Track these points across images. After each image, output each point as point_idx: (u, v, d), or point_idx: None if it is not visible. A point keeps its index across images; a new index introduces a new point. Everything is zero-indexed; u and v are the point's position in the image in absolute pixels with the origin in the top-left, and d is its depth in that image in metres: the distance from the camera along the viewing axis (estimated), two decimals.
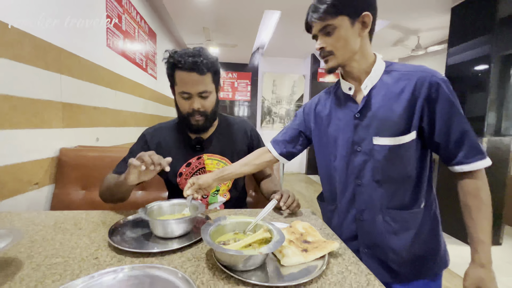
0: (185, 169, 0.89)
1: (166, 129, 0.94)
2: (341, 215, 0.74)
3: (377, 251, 0.69)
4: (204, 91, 0.81)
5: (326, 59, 0.67)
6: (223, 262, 0.47)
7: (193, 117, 0.83)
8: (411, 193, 0.66)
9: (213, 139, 0.92)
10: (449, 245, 2.19)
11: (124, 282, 0.42)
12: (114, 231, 0.61)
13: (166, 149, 0.89)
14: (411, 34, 3.12)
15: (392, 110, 0.63)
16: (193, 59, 0.77)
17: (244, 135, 0.97)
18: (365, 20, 0.63)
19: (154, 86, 2.84)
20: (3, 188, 0.95)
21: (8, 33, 0.95)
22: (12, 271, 0.46)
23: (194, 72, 0.77)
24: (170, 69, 0.82)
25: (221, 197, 0.91)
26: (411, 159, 0.64)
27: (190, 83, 0.79)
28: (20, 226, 0.66)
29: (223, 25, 3.13)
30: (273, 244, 0.48)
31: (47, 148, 1.16)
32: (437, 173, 2.40)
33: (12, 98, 0.97)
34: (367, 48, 0.67)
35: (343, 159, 0.71)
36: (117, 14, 1.85)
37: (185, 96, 0.81)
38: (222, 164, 0.91)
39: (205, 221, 0.69)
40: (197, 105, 0.81)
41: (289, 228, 0.62)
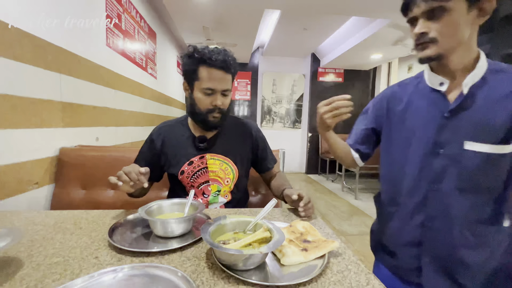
0: (187, 167, 0.88)
1: (171, 127, 0.95)
2: (404, 218, 0.67)
3: (445, 262, 0.62)
4: (227, 89, 0.83)
5: (424, 46, 0.58)
6: (223, 262, 0.47)
7: (212, 114, 0.84)
8: (496, 207, 0.59)
9: (217, 139, 0.92)
10: None
11: (124, 282, 0.42)
12: (114, 230, 0.61)
13: (170, 147, 0.91)
14: None
15: (494, 114, 0.55)
16: (223, 57, 0.79)
17: (248, 136, 0.97)
18: (485, 7, 0.54)
19: (154, 85, 2.84)
20: (3, 187, 0.95)
21: (8, 33, 0.95)
22: (12, 270, 0.46)
23: (223, 70, 0.80)
24: (194, 64, 0.81)
25: (222, 197, 0.91)
26: (505, 171, 0.57)
27: (217, 80, 0.81)
28: (20, 226, 0.66)
29: (223, 25, 3.13)
30: (273, 243, 0.48)
31: (47, 147, 1.16)
32: None
33: (12, 98, 0.97)
34: (475, 41, 0.58)
35: (417, 159, 0.64)
36: (116, 14, 1.85)
37: (209, 92, 0.82)
38: (225, 165, 0.90)
39: (205, 220, 0.69)
40: (220, 102, 0.82)
41: (289, 227, 0.62)
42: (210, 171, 0.89)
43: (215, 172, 0.89)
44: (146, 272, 0.43)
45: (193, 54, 0.81)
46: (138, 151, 0.96)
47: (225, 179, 0.91)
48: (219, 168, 0.90)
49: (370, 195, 3.55)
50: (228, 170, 0.91)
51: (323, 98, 0.79)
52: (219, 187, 0.90)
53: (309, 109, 4.98)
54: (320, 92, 4.91)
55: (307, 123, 5.04)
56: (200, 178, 0.89)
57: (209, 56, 0.79)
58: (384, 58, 4.22)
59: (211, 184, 0.89)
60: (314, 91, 4.91)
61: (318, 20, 3.24)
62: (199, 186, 0.89)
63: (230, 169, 0.91)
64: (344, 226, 2.46)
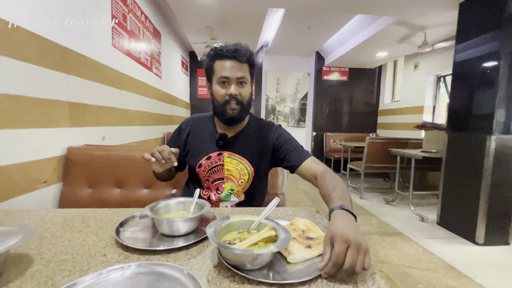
0: (205, 162, 0.90)
1: (200, 120, 0.99)
2: None
3: None
4: (242, 76, 0.84)
5: None
6: (230, 261, 0.47)
7: (229, 105, 0.85)
8: None
9: (237, 139, 0.93)
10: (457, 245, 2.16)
11: (131, 279, 0.42)
12: (121, 228, 0.62)
13: (194, 139, 0.95)
14: (418, 30, 3.07)
15: None
16: (234, 48, 0.83)
17: (269, 137, 0.94)
18: None
19: (159, 85, 2.86)
20: (13, 186, 0.97)
21: (16, 34, 0.97)
22: (23, 267, 0.47)
23: (234, 59, 0.83)
24: (210, 60, 0.86)
25: (234, 197, 0.92)
26: None
27: (230, 68, 0.83)
28: (30, 223, 0.68)
29: (227, 24, 3.13)
30: (281, 241, 0.48)
31: (55, 147, 1.18)
32: (443, 173, 2.37)
33: (20, 98, 0.99)
34: None
35: None
36: (122, 14, 1.86)
37: (223, 80, 0.84)
38: (241, 165, 0.91)
39: (210, 219, 0.70)
40: (235, 91, 0.83)
41: (290, 225, 0.62)
42: (225, 169, 0.90)
43: (230, 171, 0.90)
44: (153, 270, 0.44)
45: (209, 52, 0.86)
46: (168, 142, 1.00)
47: (240, 179, 0.91)
48: (234, 167, 0.91)
49: (375, 195, 3.52)
50: (244, 171, 0.91)
51: (328, 97, 0.78)
52: (233, 186, 0.91)
53: (313, 108, 4.96)
54: (325, 91, 4.89)
55: (311, 122, 5.02)
56: (215, 174, 0.90)
57: (221, 49, 0.84)
58: (389, 56, 4.17)
59: (225, 182, 0.91)
60: (319, 89, 4.88)
61: (322, 18, 3.21)
62: (214, 182, 0.91)
63: (246, 170, 0.91)
64: None
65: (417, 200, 3.19)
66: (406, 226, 2.41)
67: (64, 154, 1.23)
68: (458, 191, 2.24)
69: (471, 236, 2.08)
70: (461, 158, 2.23)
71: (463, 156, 2.21)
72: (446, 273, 1.65)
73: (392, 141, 3.24)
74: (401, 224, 2.46)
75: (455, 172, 2.28)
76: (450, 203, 2.33)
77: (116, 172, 1.22)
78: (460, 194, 2.22)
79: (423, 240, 2.11)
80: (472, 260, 1.82)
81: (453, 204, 2.30)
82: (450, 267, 1.71)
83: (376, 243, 2.03)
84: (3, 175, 0.92)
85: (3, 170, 0.92)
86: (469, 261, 1.80)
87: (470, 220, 2.11)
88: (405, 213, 2.77)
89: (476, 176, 2.08)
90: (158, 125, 2.84)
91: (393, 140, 3.26)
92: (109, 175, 1.21)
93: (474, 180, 2.09)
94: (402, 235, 2.23)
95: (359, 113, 5.06)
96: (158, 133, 2.85)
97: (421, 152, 2.68)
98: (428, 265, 1.74)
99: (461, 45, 2.28)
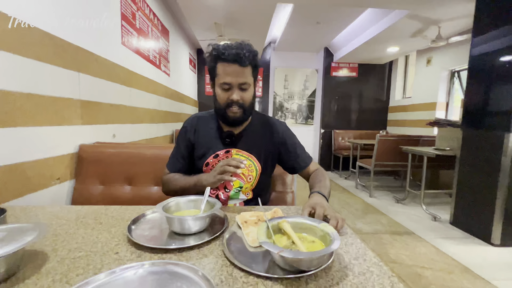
0: (212, 160, 0.90)
1: (202, 119, 0.97)
2: None
3: None
4: (244, 82, 0.82)
5: None
6: (290, 266, 0.45)
7: (231, 109, 0.84)
8: None
9: (243, 135, 0.93)
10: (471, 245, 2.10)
11: (144, 278, 0.42)
12: (133, 226, 0.62)
13: (200, 137, 0.93)
14: (431, 24, 2.97)
15: None
16: (236, 51, 0.79)
17: (275, 135, 0.96)
18: None
19: (167, 83, 2.87)
20: (28, 182, 0.99)
21: (31, 34, 0.98)
22: (39, 263, 0.48)
23: (237, 63, 0.80)
24: (213, 61, 0.84)
25: (243, 195, 0.91)
26: None
27: (232, 74, 0.81)
28: (45, 220, 0.69)
29: (235, 20, 3.10)
30: (335, 236, 0.49)
31: (68, 144, 1.20)
32: (457, 171, 2.30)
33: (34, 96, 1.00)
34: None
35: None
36: (131, 12, 1.87)
37: (226, 87, 0.83)
38: (249, 162, 0.90)
39: (222, 218, 0.69)
40: (236, 97, 0.82)
41: (273, 212, 0.69)
42: None
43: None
44: (166, 269, 0.43)
45: (212, 52, 0.83)
46: (174, 146, 0.97)
47: (248, 176, 0.91)
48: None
49: (385, 193, 3.46)
50: (252, 167, 0.91)
51: (337, 94, 0.77)
52: (241, 183, 0.90)
53: (321, 105, 4.89)
54: (333, 88, 4.81)
55: (319, 119, 4.96)
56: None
57: (223, 51, 0.80)
58: (401, 51, 4.06)
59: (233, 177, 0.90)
60: (327, 86, 4.81)
61: (332, 13, 3.15)
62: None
63: (253, 166, 0.91)
64: (358, 224, 2.41)
65: (429, 199, 3.11)
66: (417, 226, 2.35)
67: (76, 152, 1.25)
68: (473, 190, 2.17)
69: (487, 237, 2.02)
70: (476, 156, 2.15)
71: (479, 154, 2.14)
72: (460, 275, 1.60)
73: (403, 138, 3.17)
74: (413, 224, 2.41)
75: (470, 171, 2.20)
76: (464, 202, 2.27)
77: (126, 169, 1.23)
78: (476, 193, 2.15)
79: (435, 240, 2.05)
80: (488, 261, 1.76)
81: (468, 204, 2.23)
82: (465, 268, 1.66)
83: (387, 242, 1.99)
84: (18, 172, 0.94)
85: (18, 167, 0.94)
86: (484, 262, 1.75)
87: (486, 220, 2.04)
88: (416, 212, 2.71)
89: (492, 174, 2.00)
90: (167, 123, 2.87)
91: (404, 137, 3.18)
92: (120, 172, 1.22)
93: (491, 179, 2.02)
94: (413, 234, 2.18)
95: (368, 110, 4.96)
96: (167, 130, 2.87)
97: (434, 149, 2.61)
98: (442, 265, 1.70)
99: (478, 38, 2.19)
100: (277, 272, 0.45)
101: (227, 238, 0.58)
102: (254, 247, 0.54)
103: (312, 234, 0.55)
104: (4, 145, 0.89)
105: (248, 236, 0.57)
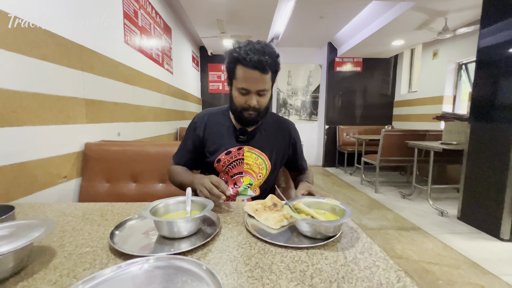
0: (224, 157, 0.90)
1: (214, 115, 0.96)
2: None
3: None
4: (263, 89, 0.81)
5: None
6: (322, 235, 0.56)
7: (247, 112, 0.84)
8: None
9: (256, 133, 0.93)
10: (479, 240, 2.07)
11: (150, 272, 0.42)
12: (116, 231, 0.58)
13: (211, 134, 0.92)
14: (438, 16, 2.90)
15: None
16: (258, 58, 0.76)
17: (287, 135, 0.98)
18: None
19: (171, 81, 2.88)
20: (35, 181, 1.01)
21: (35, 34, 0.99)
22: (47, 259, 0.49)
23: (258, 70, 0.78)
24: (232, 62, 0.81)
25: (251, 191, 0.92)
26: None
27: (251, 80, 0.79)
28: (52, 217, 0.70)
29: (237, 17, 3.08)
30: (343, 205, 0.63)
31: (73, 143, 1.22)
32: (464, 166, 2.26)
33: (40, 96, 1.01)
34: None
35: None
36: (133, 10, 1.87)
37: (244, 92, 0.82)
38: (260, 160, 0.91)
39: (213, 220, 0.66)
40: (254, 102, 0.82)
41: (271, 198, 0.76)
42: (245, 163, 0.90)
43: (249, 165, 0.90)
44: (171, 264, 0.43)
45: (232, 53, 0.80)
46: (183, 139, 0.97)
47: (258, 174, 0.91)
48: (254, 162, 0.91)
49: (391, 188, 3.43)
50: (263, 165, 0.91)
51: (341, 89, 0.77)
52: (251, 180, 0.91)
53: (325, 100, 4.85)
54: (338, 83, 4.76)
55: (323, 115, 4.92)
56: (235, 169, 0.90)
57: (244, 56, 0.77)
58: (406, 44, 3.98)
59: (244, 176, 0.91)
60: (331, 81, 4.76)
61: (335, 7, 3.10)
62: (233, 176, 0.91)
63: (264, 164, 0.92)
64: (363, 220, 2.40)
65: (435, 194, 3.07)
66: (424, 221, 2.33)
67: (82, 150, 1.26)
68: (482, 184, 2.13)
69: (496, 232, 1.98)
70: (485, 150, 2.11)
71: (487, 148, 2.09)
72: (468, 270, 1.58)
73: (409, 133, 3.12)
74: (419, 219, 2.38)
75: (478, 165, 2.16)
76: (472, 197, 2.23)
77: (131, 167, 1.24)
78: (484, 187, 2.11)
79: (443, 235, 2.03)
80: (497, 256, 1.73)
81: (476, 198, 2.20)
82: (473, 264, 1.64)
83: (393, 238, 1.98)
84: (26, 171, 0.96)
85: (26, 166, 0.96)
86: (493, 257, 1.72)
87: (494, 214, 2.00)
88: (423, 207, 2.68)
89: (501, 168, 1.96)
90: (171, 121, 2.88)
91: (410, 132, 3.14)
92: (125, 170, 1.24)
93: (500, 173, 1.98)
94: (420, 230, 2.16)
95: (373, 105, 4.90)
96: (171, 128, 2.88)
97: (440, 144, 2.57)
98: (449, 261, 1.68)
99: (486, 29, 2.13)
100: (303, 241, 0.55)
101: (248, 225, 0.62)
102: (277, 228, 0.61)
103: (320, 208, 0.67)
104: (12, 144, 0.91)
105: (268, 220, 0.63)
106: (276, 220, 0.63)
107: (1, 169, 0.87)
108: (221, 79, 4.95)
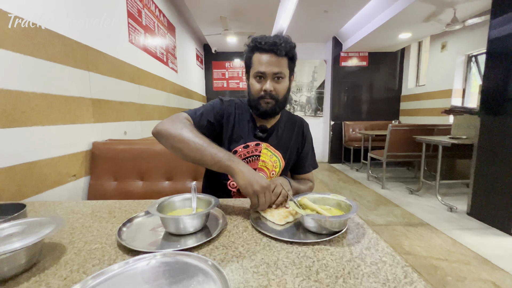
0: (242, 150, 0.89)
1: (239, 106, 0.93)
2: None
3: None
4: (278, 72, 0.81)
5: None
6: (327, 230, 0.56)
7: (264, 100, 0.83)
8: None
9: (273, 131, 0.93)
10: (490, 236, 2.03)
11: (157, 268, 0.43)
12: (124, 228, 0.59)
13: (232, 123, 0.90)
14: (446, 6, 2.82)
15: None
16: (272, 40, 0.79)
17: (300, 134, 0.98)
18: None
19: (175, 79, 2.89)
20: (46, 179, 1.03)
21: (41, 35, 1.00)
22: (57, 255, 0.50)
23: (272, 53, 0.79)
24: (250, 52, 0.84)
25: None
26: None
27: (266, 63, 0.80)
28: (62, 214, 0.71)
29: (240, 13, 3.06)
30: (349, 200, 0.63)
31: (81, 142, 1.24)
32: (474, 161, 2.21)
33: (47, 96, 1.03)
34: None
35: None
36: (137, 9, 1.88)
37: (260, 75, 0.82)
38: (275, 158, 0.91)
39: (218, 217, 0.66)
40: (270, 87, 0.81)
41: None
42: (261, 160, 0.90)
43: (264, 162, 0.91)
44: (177, 260, 0.44)
45: (249, 44, 0.83)
46: (204, 107, 0.87)
47: (272, 171, 0.91)
48: (269, 159, 0.91)
49: (398, 184, 3.39)
50: (277, 163, 0.92)
51: (346, 84, 0.75)
52: (264, 177, 0.90)
53: (331, 96, 4.80)
54: (343, 78, 4.70)
55: (329, 111, 4.87)
56: (250, 164, 0.90)
57: (260, 41, 0.80)
58: (413, 37, 3.89)
59: (257, 172, 0.90)
60: (337, 77, 4.70)
61: (340, 0, 3.05)
62: None
63: (278, 162, 0.92)
64: (370, 216, 2.38)
65: (444, 190, 3.02)
66: (432, 217, 2.30)
67: (90, 149, 1.28)
68: (493, 179, 2.09)
69: (507, 227, 1.94)
70: (495, 144, 2.06)
71: (498, 142, 2.04)
72: (478, 266, 1.56)
73: (417, 128, 3.07)
74: (427, 215, 2.35)
75: (489, 159, 2.11)
76: (483, 192, 2.18)
77: (138, 165, 1.25)
78: (495, 182, 2.07)
79: (452, 231, 2.00)
80: (508, 252, 1.70)
81: (487, 193, 2.15)
82: (483, 260, 1.62)
83: (400, 234, 1.96)
84: (36, 170, 0.98)
85: (36, 165, 0.98)
86: (504, 253, 1.69)
87: (505, 210, 1.96)
88: (431, 203, 2.64)
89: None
90: None
91: (418, 126, 3.08)
92: (132, 168, 1.25)
93: (511, 167, 1.93)
94: (428, 225, 2.13)
95: (380, 100, 4.83)
96: None
97: (449, 138, 2.52)
98: (459, 257, 1.65)
99: (497, 19, 2.06)
100: (309, 237, 0.55)
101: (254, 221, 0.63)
102: (282, 224, 0.62)
103: (326, 204, 0.67)
104: (23, 144, 0.93)
105: (273, 216, 0.64)
106: (281, 216, 0.64)
107: (13, 168, 0.89)
108: (225, 77, 4.95)
